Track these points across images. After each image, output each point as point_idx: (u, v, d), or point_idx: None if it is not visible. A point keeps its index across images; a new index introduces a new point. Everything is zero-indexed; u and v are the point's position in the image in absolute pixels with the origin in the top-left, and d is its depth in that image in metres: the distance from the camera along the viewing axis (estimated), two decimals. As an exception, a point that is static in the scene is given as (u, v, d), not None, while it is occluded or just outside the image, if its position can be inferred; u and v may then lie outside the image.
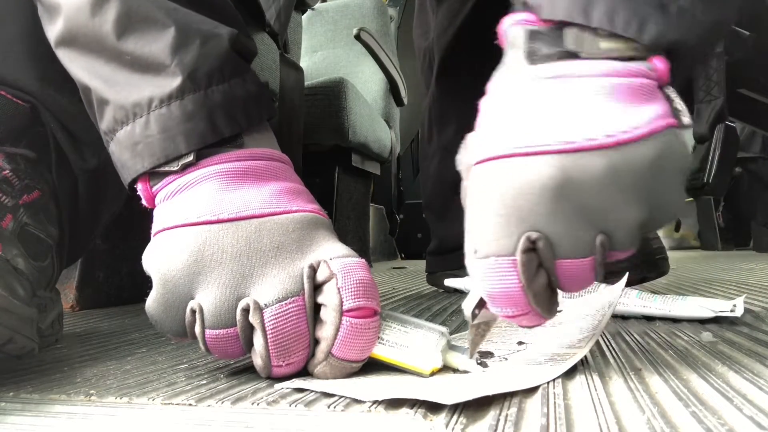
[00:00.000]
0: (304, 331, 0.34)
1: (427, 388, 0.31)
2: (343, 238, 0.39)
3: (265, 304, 0.34)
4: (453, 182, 1.09)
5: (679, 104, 0.32)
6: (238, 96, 0.39)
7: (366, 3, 2.08)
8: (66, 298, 0.77)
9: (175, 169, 0.37)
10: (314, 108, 1.41)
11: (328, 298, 0.34)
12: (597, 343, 0.44)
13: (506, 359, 0.39)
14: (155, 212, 0.38)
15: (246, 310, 0.34)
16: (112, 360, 0.44)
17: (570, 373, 0.35)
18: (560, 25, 0.33)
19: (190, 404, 0.31)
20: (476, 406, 0.29)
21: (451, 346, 0.38)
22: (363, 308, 0.34)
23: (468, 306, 0.36)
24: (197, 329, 0.35)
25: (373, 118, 1.71)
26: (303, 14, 1.26)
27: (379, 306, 0.36)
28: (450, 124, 0.92)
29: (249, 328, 0.34)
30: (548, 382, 0.33)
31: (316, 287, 0.35)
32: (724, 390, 0.31)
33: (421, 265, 1.45)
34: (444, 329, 0.37)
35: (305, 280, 0.35)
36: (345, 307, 0.34)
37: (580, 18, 0.32)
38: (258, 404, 0.31)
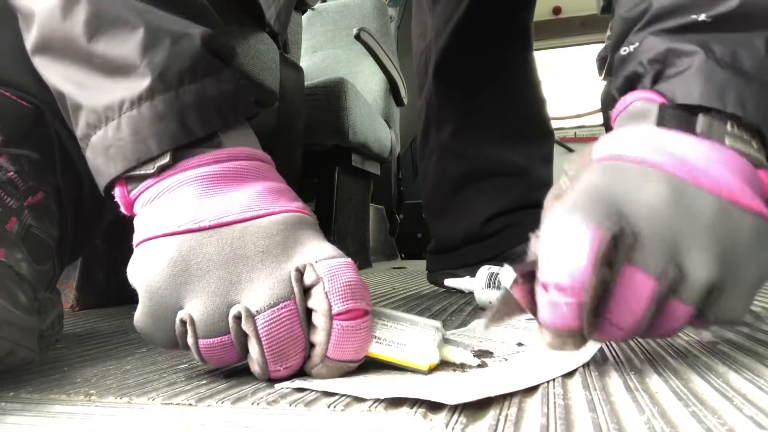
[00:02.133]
0: (299, 334, 0.34)
1: (429, 388, 0.31)
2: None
3: (257, 311, 0.33)
4: (452, 180, 1.09)
5: None
6: (212, 95, 0.38)
7: (366, 3, 2.08)
8: (66, 298, 0.77)
9: (152, 171, 0.36)
10: (314, 108, 1.41)
11: (316, 302, 0.34)
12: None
13: (506, 359, 0.39)
14: (135, 220, 0.38)
15: (238, 318, 0.34)
16: (112, 360, 0.44)
17: (570, 373, 0.35)
18: (692, 109, 0.35)
19: (190, 404, 0.31)
20: (476, 406, 0.29)
21: (446, 341, 0.38)
22: (352, 310, 0.34)
23: (511, 274, 0.35)
24: (190, 340, 0.34)
25: (373, 118, 1.71)
26: (303, 14, 1.26)
27: (370, 305, 0.36)
28: (448, 123, 0.92)
29: (243, 335, 0.34)
30: (548, 382, 0.33)
31: (305, 291, 0.35)
32: (724, 390, 0.31)
33: (421, 265, 1.45)
34: (438, 324, 0.37)
35: (294, 284, 0.34)
36: (334, 311, 0.34)
37: (715, 103, 0.34)
38: (258, 404, 0.31)
